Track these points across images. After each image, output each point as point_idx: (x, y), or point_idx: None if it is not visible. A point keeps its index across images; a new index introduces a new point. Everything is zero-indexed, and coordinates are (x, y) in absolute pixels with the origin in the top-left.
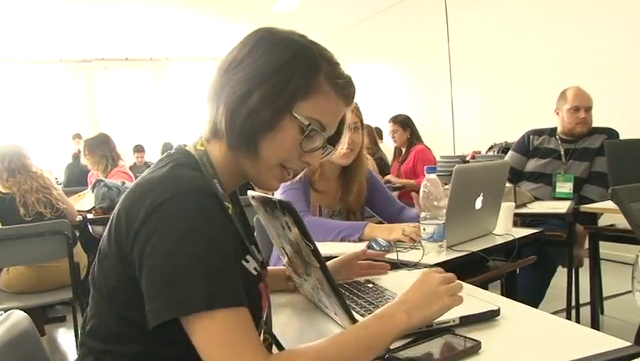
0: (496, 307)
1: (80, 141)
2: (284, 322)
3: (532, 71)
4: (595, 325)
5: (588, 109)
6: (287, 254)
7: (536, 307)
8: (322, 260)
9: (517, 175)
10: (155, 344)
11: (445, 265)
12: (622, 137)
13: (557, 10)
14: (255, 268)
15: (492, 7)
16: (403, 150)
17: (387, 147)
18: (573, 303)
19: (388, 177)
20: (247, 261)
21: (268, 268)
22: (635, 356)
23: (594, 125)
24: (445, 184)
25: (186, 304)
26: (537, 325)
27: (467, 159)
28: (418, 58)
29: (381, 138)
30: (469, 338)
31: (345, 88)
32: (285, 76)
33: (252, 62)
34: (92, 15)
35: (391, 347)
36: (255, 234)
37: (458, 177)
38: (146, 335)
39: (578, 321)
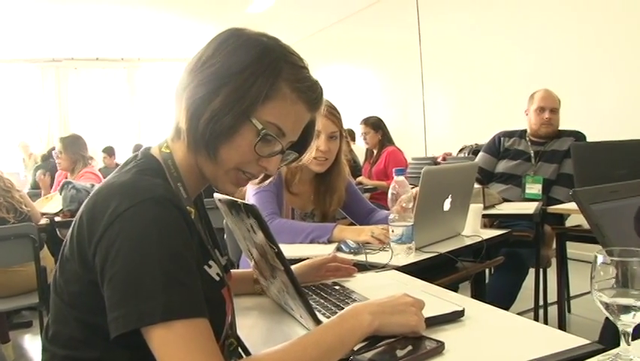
0: (460, 308)
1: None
2: (250, 325)
3: (503, 74)
4: (562, 323)
5: (554, 110)
6: (253, 257)
7: (509, 307)
8: (286, 263)
9: (487, 176)
10: (117, 348)
11: (414, 267)
12: (589, 139)
13: (527, 15)
14: (217, 274)
15: (463, 12)
16: (375, 151)
17: (359, 148)
18: (541, 302)
19: (360, 178)
20: (210, 266)
21: (235, 271)
22: (595, 353)
23: (563, 128)
24: (416, 186)
25: (145, 316)
26: (501, 325)
27: (438, 160)
28: (390, 60)
29: (353, 139)
30: (433, 339)
31: (306, 92)
32: (247, 80)
33: (215, 63)
34: (61, 14)
35: (355, 348)
36: (225, 236)
37: (426, 179)
38: (108, 339)
39: (545, 320)
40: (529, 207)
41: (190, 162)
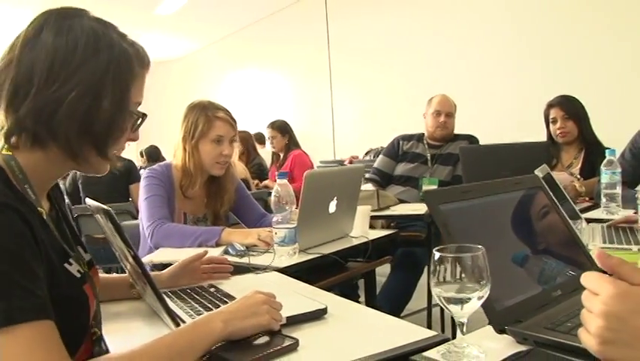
0: (323, 306)
1: None
2: (120, 329)
3: (406, 80)
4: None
5: (449, 114)
6: (125, 262)
7: (405, 304)
8: (143, 266)
9: (386, 178)
10: None
11: (298, 268)
12: (482, 142)
13: (428, 26)
14: (78, 271)
15: (370, 20)
16: (281, 155)
17: (266, 152)
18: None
19: (266, 182)
20: (70, 263)
21: (111, 275)
22: (442, 342)
23: (459, 132)
24: None
25: None
26: (361, 321)
27: (345, 163)
28: (300, 64)
29: (262, 143)
30: (289, 336)
31: (142, 59)
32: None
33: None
34: None
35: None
36: None
37: (309, 182)
38: None
39: (442, 317)
40: (422, 208)
41: (36, 161)
